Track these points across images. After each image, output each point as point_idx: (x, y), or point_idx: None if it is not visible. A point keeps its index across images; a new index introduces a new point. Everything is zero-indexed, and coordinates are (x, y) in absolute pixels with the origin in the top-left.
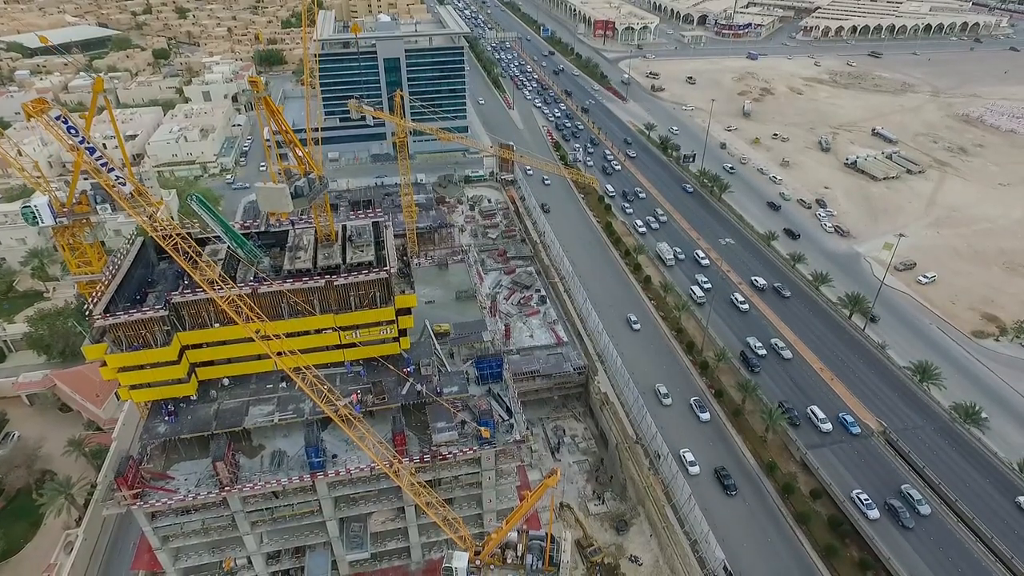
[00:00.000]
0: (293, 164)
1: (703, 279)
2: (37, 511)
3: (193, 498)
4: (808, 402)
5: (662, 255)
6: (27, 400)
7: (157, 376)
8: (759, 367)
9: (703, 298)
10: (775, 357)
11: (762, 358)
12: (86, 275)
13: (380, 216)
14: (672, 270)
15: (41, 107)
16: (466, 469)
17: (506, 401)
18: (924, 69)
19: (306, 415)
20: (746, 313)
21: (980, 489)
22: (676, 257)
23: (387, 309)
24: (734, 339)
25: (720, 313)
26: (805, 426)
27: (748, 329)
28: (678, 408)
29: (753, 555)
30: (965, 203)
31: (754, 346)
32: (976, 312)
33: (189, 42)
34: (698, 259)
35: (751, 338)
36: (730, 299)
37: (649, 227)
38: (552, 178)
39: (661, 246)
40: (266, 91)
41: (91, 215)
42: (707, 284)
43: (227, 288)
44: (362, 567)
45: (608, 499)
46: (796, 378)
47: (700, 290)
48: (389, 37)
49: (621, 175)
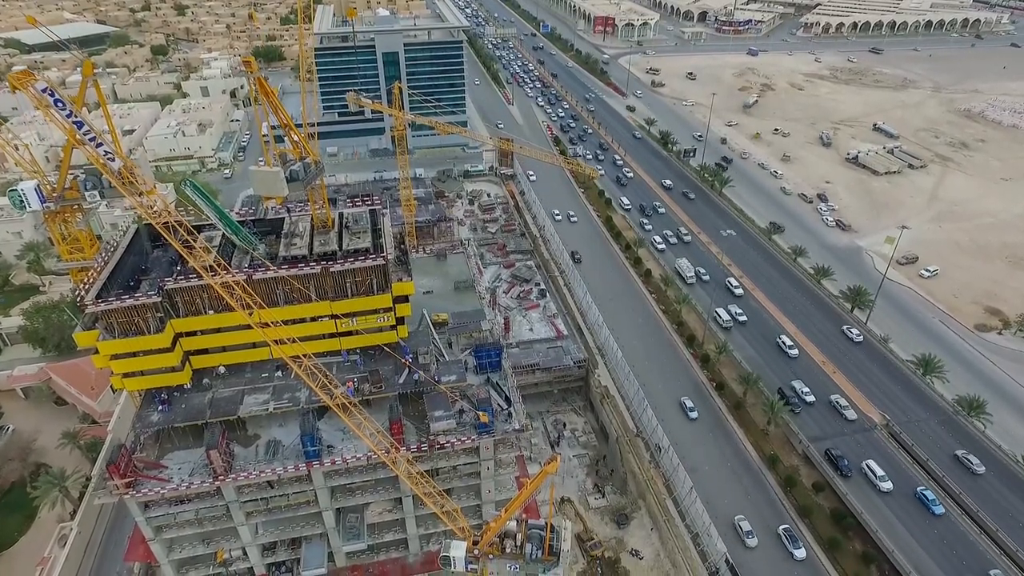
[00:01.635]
0: (289, 148)
1: (738, 310)
2: (31, 504)
3: (187, 487)
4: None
5: (681, 272)
6: (22, 393)
7: (150, 364)
8: (800, 407)
9: (729, 322)
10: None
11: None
12: (78, 262)
13: (377, 204)
14: (693, 288)
15: (27, 79)
16: (464, 459)
17: (505, 390)
18: (925, 65)
19: (302, 404)
20: (795, 359)
21: (984, 481)
22: (699, 277)
23: (384, 296)
24: (773, 378)
25: (759, 351)
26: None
27: (791, 373)
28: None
29: (755, 548)
30: (967, 198)
31: (801, 391)
32: (979, 306)
33: (188, 39)
34: (731, 288)
35: (797, 382)
36: (777, 343)
37: (668, 243)
38: (553, 177)
39: (681, 262)
40: (261, 72)
41: (81, 201)
42: (742, 315)
43: (224, 273)
44: (359, 559)
45: (608, 493)
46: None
47: (727, 315)
48: (388, 31)
49: (636, 185)
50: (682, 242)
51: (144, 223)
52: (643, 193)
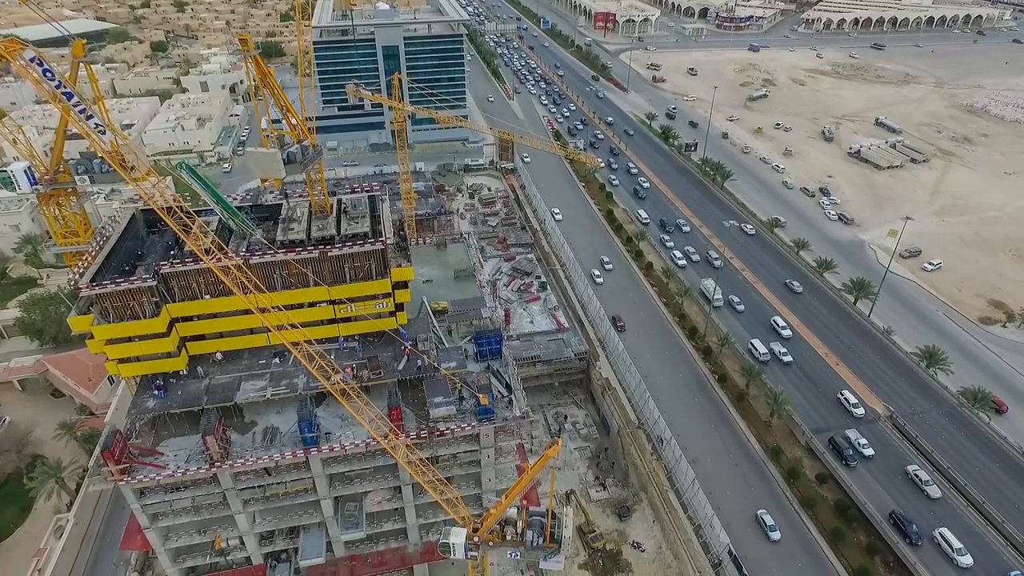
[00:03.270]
0: (286, 131)
1: (782, 350)
2: (27, 496)
3: (183, 474)
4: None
5: (708, 293)
6: (19, 386)
7: (145, 349)
8: (855, 462)
9: (766, 355)
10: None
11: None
12: (73, 246)
13: (376, 191)
14: (720, 312)
15: (13, 47)
16: (464, 447)
17: (506, 377)
18: (927, 61)
19: (299, 390)
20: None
21: (989, 473)
22: (733, 305)
23: (383, 281)
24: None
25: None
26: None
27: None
28: None
29: (758, 539)
30: (970, 192)
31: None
32: (983, 299)
33: (187, 35)
34: (777, 327)
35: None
36: (839, 399)
37: (690, 259)
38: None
39: (706, 283)
40: (257, 50)
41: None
42: (786, 356)
43: (223, 256)
44: (358, 548)
45: (610, 485)
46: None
47: (764, 348)
48: (387, 24)
49: (654, 196)
50: (710, 264)
51: (140, 209)
52: (662, 206)
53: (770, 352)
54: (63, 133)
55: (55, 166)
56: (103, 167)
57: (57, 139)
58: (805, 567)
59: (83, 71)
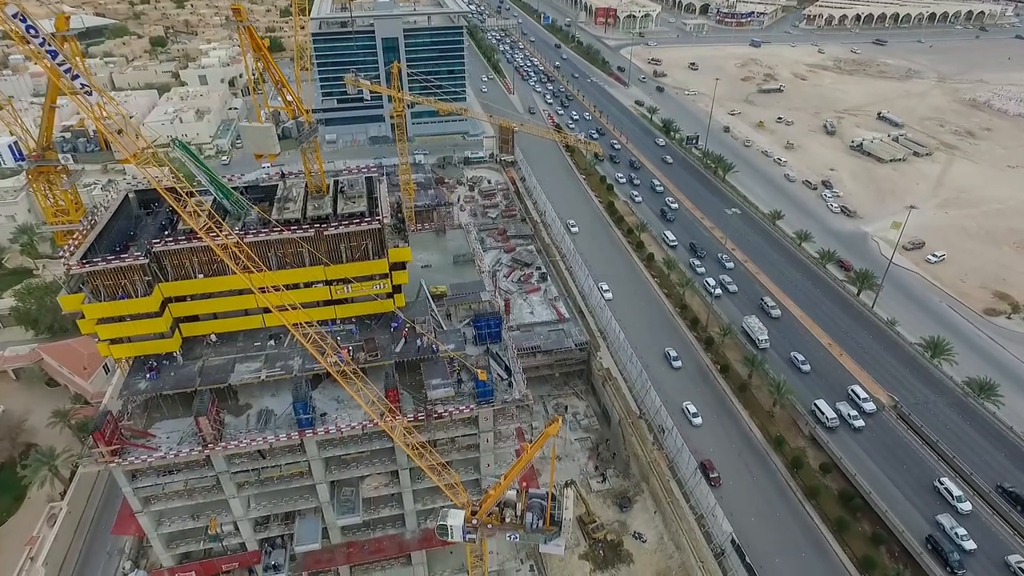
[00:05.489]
0: (282, 106)
1: (854, 417)
2: (21, 485)
3: (175, 455)
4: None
5: (751, 332)
6: (13, 375)
7: (138, 329)
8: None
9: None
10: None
11: None
12: (63, 225)
13: (374, 172)
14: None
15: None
16: (463, 430)
17: (505, 360)
18: (929, 56)
19: (295, 372)
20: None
21: (995, 462)
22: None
23: (380, 261)
24: None
25: None
26: None
27: None
28: None
29: (761, 529)
30: (974, 184)
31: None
32: (987, 290)
33: (187, 31)
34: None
35: None
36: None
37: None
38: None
39: (749, 321)
40: (249, 21)
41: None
42: (860, 423)
43: (222, 233)
44: (354, 535)
45: (610, 476)
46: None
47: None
48: (387, 16)
49: (684, 218)
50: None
51: (134, 189)
52: (691, 228)
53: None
54: (50, 109)
55: (43, 143)
56: (88, 146)
57: (45, 113)
58: (809, 557)
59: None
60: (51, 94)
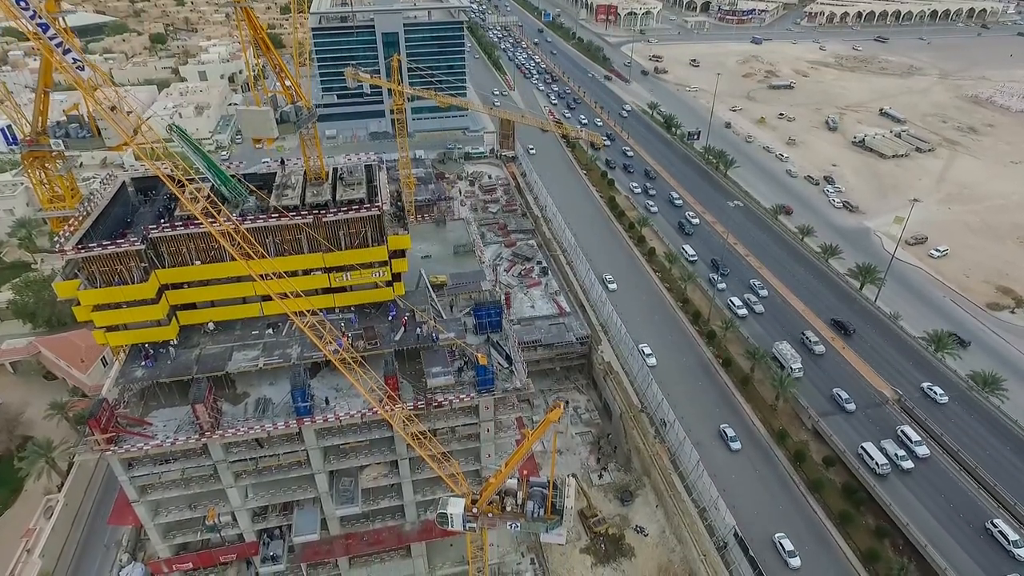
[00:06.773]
0: (279, 90)
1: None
2: (17, 477)
3: (171, 444)
4: None
5: (782, 359)
6: (11, 368)
7: (134, 316)
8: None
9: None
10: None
11: None
12: (58, 211)
13: (374, 160)
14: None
15: None
16: (463, 419)
17: (506, 349)
18: (931, 53)
19: (293, 360)
20: None
21: (1000, 456)
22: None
23: (379, 248)
24: None
25: None
26: None
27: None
28: None
29: (764, 521)
30: (976, 180)
31: None
32: (990, 285)
33: (187, 28)
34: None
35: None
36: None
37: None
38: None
39: (781, 348)
40: (247, 2)
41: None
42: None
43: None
44: (353, 526)
45: (612, 470)
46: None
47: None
48: (387, 11)
49: (703, 232)
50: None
51: (131, 176)
52: (711, 241)
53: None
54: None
55: (37, 127)
56: (79, 132)
57: (38, 96)
58: (813, 551)
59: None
60: (45, 77)
